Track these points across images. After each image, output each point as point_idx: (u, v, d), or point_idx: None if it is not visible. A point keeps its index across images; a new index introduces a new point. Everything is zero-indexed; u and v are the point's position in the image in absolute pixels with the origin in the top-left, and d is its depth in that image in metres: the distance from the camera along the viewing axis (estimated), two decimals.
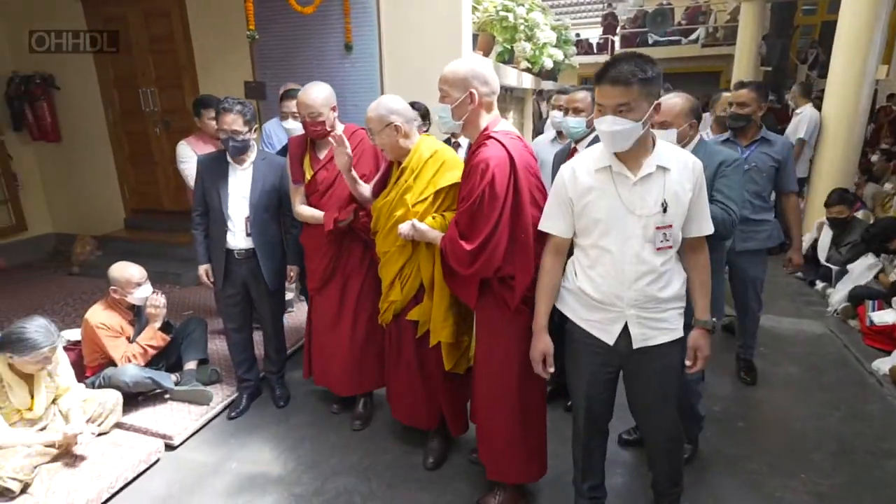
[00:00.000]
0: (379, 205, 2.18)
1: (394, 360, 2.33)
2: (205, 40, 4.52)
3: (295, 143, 2.51)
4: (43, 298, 4.31)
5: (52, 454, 2.25)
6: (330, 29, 4.06)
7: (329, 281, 2.50)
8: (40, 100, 5.12)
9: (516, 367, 1.86)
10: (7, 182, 5.30)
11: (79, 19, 4.83)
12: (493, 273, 1.75)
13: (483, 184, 1.68)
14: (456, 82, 1.76)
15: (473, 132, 1.83)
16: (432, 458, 2.35)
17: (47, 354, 2.19)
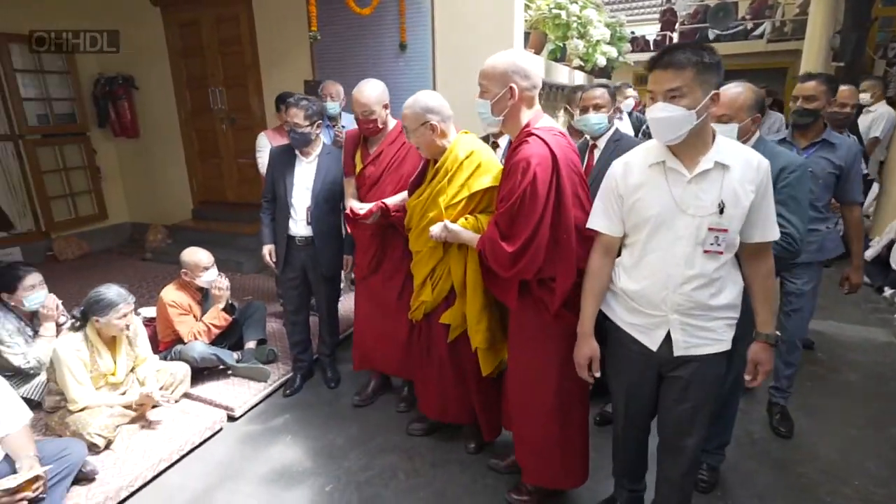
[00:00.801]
0: (413, 203, 2.17)
1: (423, 356, 2.33)
2: (269, 42, 4.78)
3: (350, 137, 2.59)
4: (120, 281, 4.63)
5: (131, 416, 2.50)
6: (385, 29, 4.20)
7: (375, 272, 2.57)
8: (122, 99, 5.56)
9: (556, 371, 1.82)
10: (92, 174, 5.81)
11: (158, 24, 5.23)
12: (534, 275, 1.71)
13: (524, 183, 1.63)
14: (495, 77, 1.71)
15: (514, 128, 1.78)
16: (474, 442, 2.41)
17: (125, 311, 2.41)
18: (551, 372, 1.83)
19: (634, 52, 10.12)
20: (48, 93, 5.38)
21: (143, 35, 5.30)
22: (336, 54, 4.42)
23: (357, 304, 2.73)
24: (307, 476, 2.33)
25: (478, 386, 2.22)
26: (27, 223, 5.34)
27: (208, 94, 5.25)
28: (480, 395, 2.25)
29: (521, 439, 2.03)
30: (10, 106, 5.03)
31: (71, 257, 5.42)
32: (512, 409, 2.03)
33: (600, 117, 2.36)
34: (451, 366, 2.23)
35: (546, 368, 1.84)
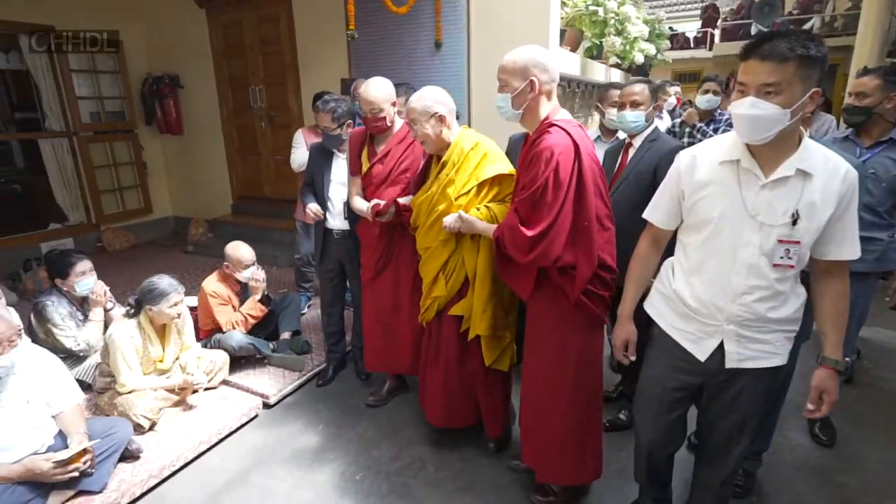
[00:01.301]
0: (419, 200, 2.17)
1: (431, 358, 2.30)
2: (307, 41, 4.89)
3: (355, 136, 2.56)
4: (164, 271, 4.80)
5: (174, 400, 2.62)
6: (421, 27, 4.24)
7: (381, 273, 2.54)
8: (168, 97, 5.79)
9: (572, 363, 1.81)
10: (139, 170, 6.07)
11: (203, 25, 5.42)
12: (552, 262, 1.69)
13: (547, 171, 1.64)
14: (516, 71, 1.72)
15: (533, 121, 1.79)
16: (492, 443, 2.39)
17: (176, 301, 2.53)
18: (568, 363, 1.82)
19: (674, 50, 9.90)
20: (100, 92, 5.65)
21: (189, 36, 5.51)
22: (372, 53, 4.49)
23: (365, 306, 2.70)
24: (338, 463, 2.39)
25: (483, 381, 2.22)
26: (79, 216, 5.63)
27: (248, 93, 5.41)
28: (486, 390, 2.24)
29: (531, 434, 2.00)
30: (66, 104, 5.30)
31: (119, 249, 5.67)
32: (525, 403, 2.02)
33: (637, 115, 2.28)
34: (458, 361, 2.21)
35: (563, 360, 1.83)
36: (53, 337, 2.71)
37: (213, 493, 2.23)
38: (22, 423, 2.00)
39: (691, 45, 13.11)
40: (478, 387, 2.24)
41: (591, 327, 1.82)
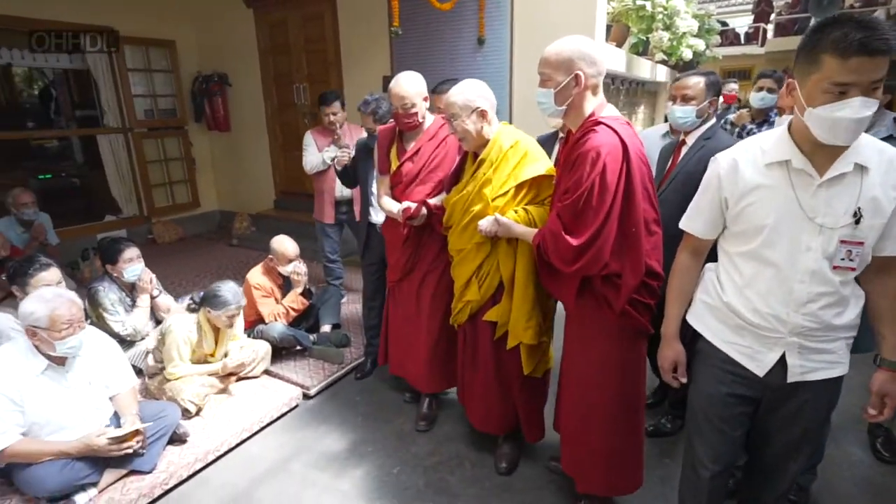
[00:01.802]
0: (453, 199, 2.08)
1: (468, 362, 2.24)
2: (350, 39, 4.96)
3: (384, 133, 2.48)
4: (210, 263, 5.08)
5: (219, 387, 2.70)
6: (463, 23, 4.23)
7: (408, 275, 2.47)
8: (216, 95, 5.98)
9: (615, 372, 1.74)
10: (188, 165, 6.31)
11: (250, 24, 5.57)
12: (599, 270, 1.61)
13: (594, 174, 1.53)
14: (560, 64, 1.60)
15: (577, 118, 1.67)
16: (505, 462, 2.28)
17: (234, 313, 2.62)
18: (611, 373, 1.75)
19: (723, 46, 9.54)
20: (154, 90, 5.89)
21: (237, 35, 5.67)
22: (415, 50, 4.51)
23: (390, 310, 2.65)
24: (375, 456, 2.40)
25: (521, 386, 2.14)
26: (132, 208, 5.89)
27: (293, 91, 5.52)
28: (524, 396, 2.17)
29: (572, 444, 1.93)
30: (123, 102, 5.55)
31: (168, 241, 5.90)
32: (564, 412, 1.95)
33: (687, 110, 2.14)
34: (495, 368, 2.15)
35: (606, 369, 1.75)
36: (104, 321, 2.83)
37: (255, 480, 2.28)
38: (84, 402, 2.11)
39: (741, 41, 12.61)
40: (515, 393, 2.17)
41: (635, 336, 1.74)
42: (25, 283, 2.39)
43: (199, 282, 4.50)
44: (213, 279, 4.56)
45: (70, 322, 1.98)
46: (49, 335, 1.95)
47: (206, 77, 5.98)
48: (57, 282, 2.45)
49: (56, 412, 2.04)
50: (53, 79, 7.76)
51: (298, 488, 2.23)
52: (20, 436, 1.96)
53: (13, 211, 3.80)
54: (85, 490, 2.03)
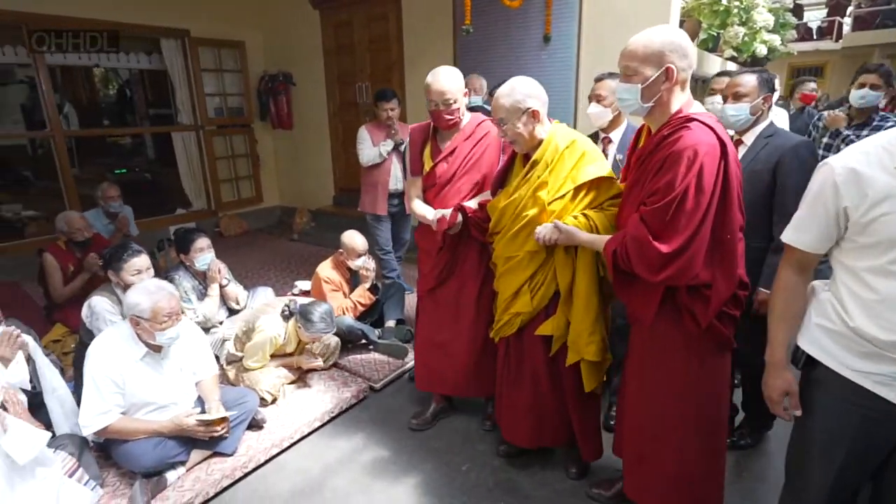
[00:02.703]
0: (502, 204, 1.94)
1: (511, 378, 2.10)
2: (414, 38, 5.01)
3: (416, 131, 2.34)
4: (273, 257, 5.26)
5: (292, 378, 2.80)
6: (530, 20, 4.19)
7: (443, 284, 2.34)
8: (281, 94, 6.19)
9: (695, 390, 1.62)
10: (253, 162, 6.55)
11: (316, 25, 5.72)
12: (688, 280, 1.49)
13: (690, 175, 1.41)
14: (649, 57, 1.48)
15: (661, 116, 1.55)
16: (576, 468, 2.19)
17: (320, 337, 2.74)
18: (691, 391, 1.62)
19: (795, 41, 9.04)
20: (224, 89, 6.15)
21: (303, 36, 5.84)
22: (479, 48, 4.51)
23: (420, 319, 2.52)
24: (444, 453, 2.42)
25: (578, 404, 2.01)
26: (201, 202, 6.18)
27: (355, 90, 5.64)
28: (581, 414, 2.04)
29: (640, 468, 1.79)
30: (196, 101, 5.83)
31: (233, 234, 6.16)
32: (631, 433, 1.81)
33: (739, 108, 2.02)
34: (549, 383, 2.01)
35: (684, 387, 1.63)
36: None
37: (327, 468, 2.34)
38: (175, 387, 2.23)
39: (814, 35, 11.92)
40: (571, 411, 2.04)
41: (719, 351, 1.63)
42: (119, 267, 2.54)
43: (263, 274, 4.67)
44: (276, 273, 4.74)
45: (170, 314, 2.09)
46: (151, 326, 2.07)
47: (272, 76, 6.19)
48: (146, 267, 2.59)
49: (151, 395, 2.16)
50: (128, 79, 8.25)
51: (369, 479, 2.27)
52: (120, 415, 2.09)
53: (101, 203, 4.06)
54: (174, 468, 2.15)
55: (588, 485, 2.14)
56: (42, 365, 2.18)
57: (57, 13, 4.69)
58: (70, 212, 3.65)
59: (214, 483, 2.16)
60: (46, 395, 2.16)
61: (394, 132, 3.65)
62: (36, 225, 5.64)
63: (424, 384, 2.57)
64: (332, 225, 5.84)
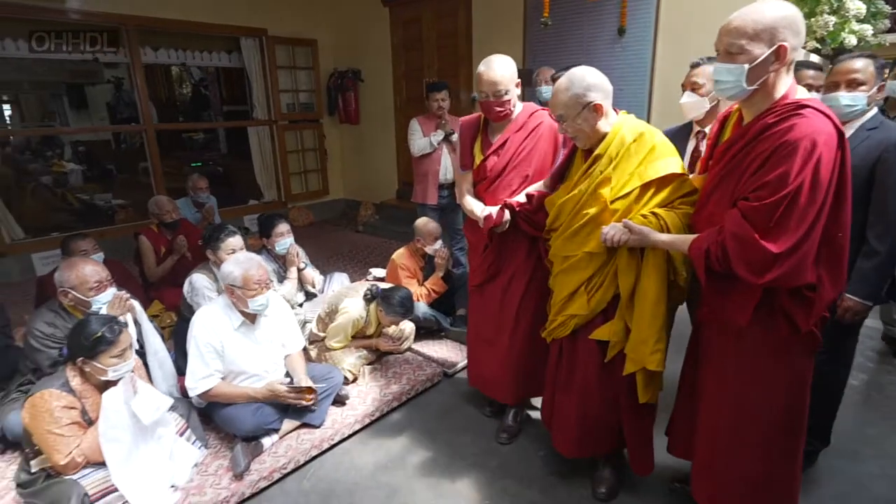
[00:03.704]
0: (560, 200, 1.83)
1: (561, 383, 2.00)
2: (482, 32, 5.05)
3: (466, 124, 2.27)
4: (340, 247, 5.44)
5: (371, 359, 2.91)
6: (605, 12, 4.14)
7: (492, 280, 2.29)
8: (349, 90, 6.38)
9: (781, 393, 1.54)
10: (321, 156, 6.79)
11: (385, 22, 5.86)
12: (796, 282, 1.38)
13: (807, 168, 1.29)
14: (759, 33, 1.33)
15: (763, 102, 1.41)
16: (604, 488, 2.05)
17: (400, 320, 2.85)
18: (776, 394, 1.54)
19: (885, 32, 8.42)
20: (296, 85, 6.41)
21: (372, 33, 6.00)
22: (550, 42, 4.49)
23: (471, 316, 2.49)
24: (518, 437, 2.45)
25: (632, 415, 1.89)
26: (272, 194, 6.47)
27: (422, 85, 5.73)
28: (635, 424, 1.91)
29: (712, 470, 1.71)
30: (271, 96, 6.10)
31: (301, 225, 6.41)
32: (705, 435, 1.72)
33: (856, 97, 1.83)
34: (600, 391, 1.89)
35: (770, 390, 1.54)
36: None
37: (408, 444, 2.43)
38: (267, 357, 2.38)
39: None
40: (624, 422, 1.92)
41: (808, 354, 1.54)
42: (217, 247, 2.73)
43: (334, 262, 4.85)
44: (346, 261, 4.91)
45: (259, 282, 2.24)
46: (243, 293, 2.22)
47: (341, 73, 6.39)
48: (240, 247, 2.77)
49: (246, 363, 2.32)
50: (202, 77, 8.73)
51: (448, 459, 2.33)
52: (220, 380, 2.25)
53: (190, 193, 4.37)
54: (269, 435, 2.28)
55: (670, 480, 2.09)
56: (147, 329, 2.38)
57: (154, 15, 5.05)
58: (160, 196, 3.93)
59: (304, 452, 2.29)
60: (149, 357, 2.35)
61: (444, 122, 3.71)
62: (124, 212, 6.09)
63: (474, 380, 2.55)
64: (396, 217, 5.98)
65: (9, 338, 2.92)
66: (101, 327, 1.88)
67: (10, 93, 7.67)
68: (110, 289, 2.28)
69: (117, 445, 1.84)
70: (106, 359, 1.86)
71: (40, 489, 1.82)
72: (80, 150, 7.94)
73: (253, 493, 2.11)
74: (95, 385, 1.93)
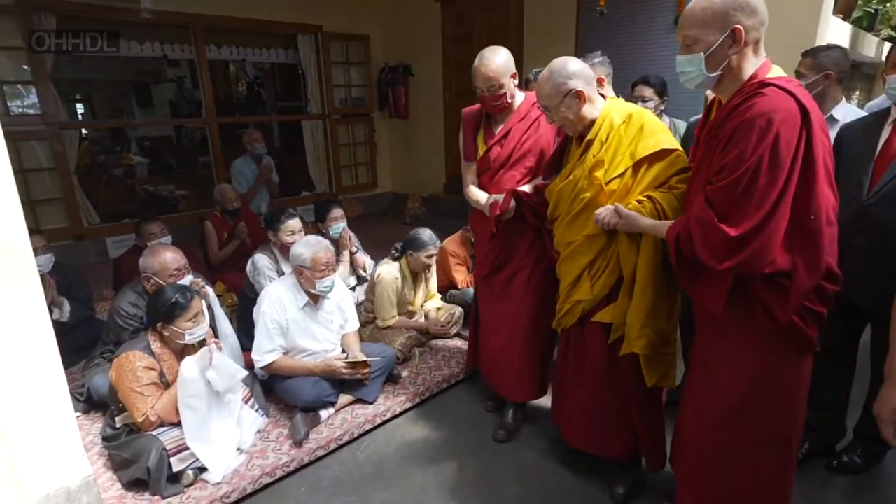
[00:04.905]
0: (558, 188, 1.84)
1: (571, 373, 1.96)
2: (534, 24, 5.04)
3: (469, 116, 2.27)
4: (390, 237, 5.46)
5: (421, 341, 2.98)
6: (659, 2, 4.06)
7: (497, 272, 2.28)
8: (400, 85, 6.50)
9: (768, 397, 1.44)
10: (371, 149, 6.96)
11: (436, 17, 5.94)
12: (762, 268, 1.30)
13: (762, 146, 1.23)
14: (709, 20, 1.31)
15: (732, 84, 1.37)
16: (622, 488, 1.97)
17: (432, 253, 2.91)
18: (762, 398, 1.44)
19: None
20: (349, 80, 6.58)
21: (423, 28, 6.09)
22: (603, 33, 4.45)
23: (481, 308, 2.46)
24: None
25: (642, 405, 1.84)
26: (323, 186, 6.68)
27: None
28: (645, 416, 1.85)
29: (697, 484, 1.62)
30: (325, 91, 6.30)
31: (350, 216, 6.54)
32: (689, 445, 1.62)
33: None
34: (607, 380, 1.85)
35: (755, 393, 1.44)
36: None
37: (457, 423, 2.50)
38: (326, 335, 2.49)
39: None
40: (633, 410, 1.85)
41: (797, 353, 1.42)
42: (278, 228, 2.87)
43: (382, 253, 4.90)
44: None
45: (327, 264, 2.34)
46: (311, 274, 2.33)
47: (392, 68, 6.51)
48: (300, 229, 2.91)
49: (307, 341, 2.44)
50: (256, 75, 9.08)
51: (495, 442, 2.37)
52: (282, 354, 2.37)
53: (247, 148, 4.70)
54: (326, 408, 2.39)
55: (657, 495, 1.97)
56: (219, 315, 2.54)
57: (220, 13, 5.32)
58: (224, 185, 4.15)
59: (359, 425, 2.38)
60: (220, 339, 2.49)
61: None
62: (186, 202, 6.45)
63: (483, 374, 2.55)
64: (443, 210, 6.05)
65: (91, 310, 3.18)
66: (174, 294, 2.03)
67: (83, 91, 8.23)
68: (188, 276, 2.45)
69: (193, 412, 1.98)
70: (181, 322, 2.01)
71: (124, 443, 1.98)
72: (145, 144, 8.44)
73: (311, 460, 2.22)
74: (173, 350, 2.08)
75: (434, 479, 2.14)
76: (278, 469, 2.12)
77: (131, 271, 3.19)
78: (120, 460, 2.00)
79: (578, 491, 2.06)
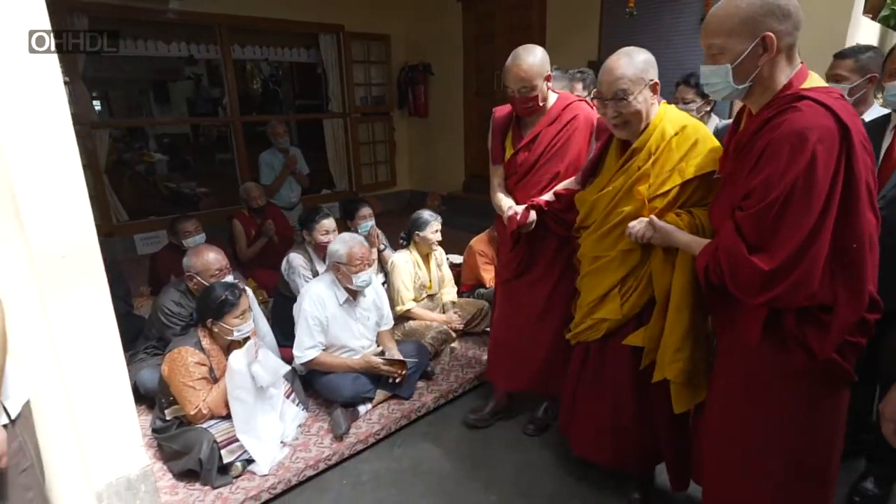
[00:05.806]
0: (593, 197, 1.72)
1: (587, 387, 1.89)
2: (556, 24, 5.06)
3: (499, 117, 2.19)
4: None
5: (451, 339, 3.03)
6: (686, 1, 4.06)
7: (521, 276, 2.21)
8: (419, 84, 6.55)
9: (801, 431, 1.33)
10: (390, 148, 7.01)
11: (458, 17, 5.97)
12: (802, 302, 1.19)
13: (795, 169, 1.12)
14: (737, 27, 1.19)
15: (763, 95, 1.25)
16: (639, 493, 1.95)
17: (436, 228, 3.03)
18: (796, 432, 1.34)
19: None
20: (370, 79, 6.64)
21: (444, 27, 6.13)
22: (626, 32, 4.44)
23: (498, 311, 2.43)
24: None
25: (668, 425, 1.76)
26: (343, 184, 6.75)
27: (493, 78, 5.79)
28: (672, 440, 1.79)
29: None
30: (345, 90, 6.36)
31: None
32: (717, 472, 1.55)
33: None
34: (634, 400, 1.77)
35: (788, 427, 1.34)
36: None
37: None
38: (363, 332, 2.56)
39: None
40: (661, 432, 1.80)
41: (835, 387, 1.32)
42: (312, 227, 2.93)
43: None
44: None
45: (362, 259, 2.41)
46: (348, 269, 2.39)
47: (412, 67, 6.56)
48: (333, 229, 2.96)
49: (346, 338, 2.50)
50: (273, 73, 9.15)
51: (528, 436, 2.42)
52: (322, 350, 2.44)
53: (272, 141, 4.73)
54: (364, 403, 2.45)
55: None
56: (257, 314, 2.59)
57: (245, 13, 5.40)
58: (249, 183, 4.22)
59: (395, 420, 2.44)
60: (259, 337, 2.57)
61: None
62: (207, 199, 6.55)
63: (494, 376, 2.49)
64: (462, 209, 6.08)
65: (129, 305, 3.26)
66: (224, 291, 2.10)
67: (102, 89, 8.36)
68: (228, 276, 2.52)
69: (242, 404, 2.05)
70: (230, 319, 2.08)
71: (174, 434, 2.06)
72: (164, 141, 8.57)
73: (351, 454, 2.29)
74: (221, 346, 2.15)
75: (470, 474, 2.20)
76: (321, 462, 2.18)
77: (168, 268, 3.29)
78: (170, 451, 2.07)
79: (607, 487, 2.11)
